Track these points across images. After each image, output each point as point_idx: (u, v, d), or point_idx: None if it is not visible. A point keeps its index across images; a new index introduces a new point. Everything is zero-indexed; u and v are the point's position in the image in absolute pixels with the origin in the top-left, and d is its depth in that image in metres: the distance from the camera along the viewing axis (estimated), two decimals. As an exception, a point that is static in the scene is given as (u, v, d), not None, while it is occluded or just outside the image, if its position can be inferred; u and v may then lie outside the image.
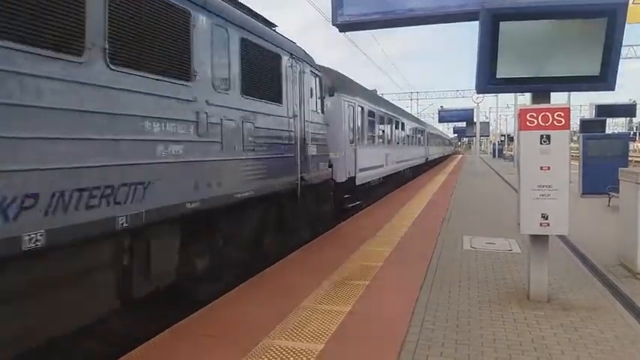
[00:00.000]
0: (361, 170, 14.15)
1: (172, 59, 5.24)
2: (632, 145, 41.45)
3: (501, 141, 70.13)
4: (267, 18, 8.20)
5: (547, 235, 5.73)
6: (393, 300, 5.79)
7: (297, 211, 9.20)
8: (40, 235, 3.65)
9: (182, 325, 5.03)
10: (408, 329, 4.85)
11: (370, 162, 15.60)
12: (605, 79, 5.39)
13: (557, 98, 5.93)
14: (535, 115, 5.55)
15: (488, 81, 5.57)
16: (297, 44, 9.20)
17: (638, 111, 33.24)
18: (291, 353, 4.30)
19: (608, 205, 14.00)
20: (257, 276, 6.83)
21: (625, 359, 4.26)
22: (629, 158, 19.83)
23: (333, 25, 6.10)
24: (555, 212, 5.54)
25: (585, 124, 24.50)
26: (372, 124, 16.32)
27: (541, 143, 5.53)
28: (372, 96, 17.93)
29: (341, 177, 12.27)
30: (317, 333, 4.75)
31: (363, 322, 5.05)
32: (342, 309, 5.43)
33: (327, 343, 4.50)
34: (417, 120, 33.78)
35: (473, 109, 42.09)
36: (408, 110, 37.40)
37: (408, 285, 6.34)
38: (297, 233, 9.48)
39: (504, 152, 62.65)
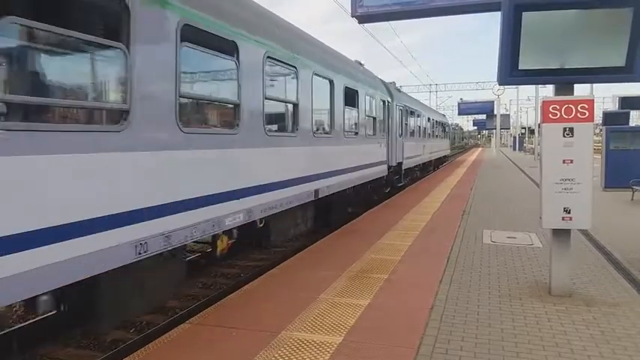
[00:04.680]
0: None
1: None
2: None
3: (522, 134, 69.18)
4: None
5: (569, 230, 5.65)
6: (412, 294, 5.77)
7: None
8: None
9: (202, 315, 5.09)
10: (427, 323, 4.83)
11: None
12: (630, 70, 5.25)
13: (579, 90, 5.81)
14: (558, 107, 5.45)
15: (510, 73, 5.48)
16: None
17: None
18: (310, 345, 4.31)
19: (632, 199, 13.77)
20: (276, 268, 6.87)
21: (649, 356, 4.18)
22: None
23: (353, 16, 6.06)
24: (578, 206, 5.45)
25: (608, 117, 23.93)
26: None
27: (564, 136, 5.44)
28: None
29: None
30: (335, 326, 4.76)
31: (381, 316, 5.04)
32: (360, 302, 5.43)
33: (345, 336, 4.51)
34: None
35: (493, 102, 41.70)
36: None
37: (427, 279, 6.32)
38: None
39: (525, 145, 61.96)
